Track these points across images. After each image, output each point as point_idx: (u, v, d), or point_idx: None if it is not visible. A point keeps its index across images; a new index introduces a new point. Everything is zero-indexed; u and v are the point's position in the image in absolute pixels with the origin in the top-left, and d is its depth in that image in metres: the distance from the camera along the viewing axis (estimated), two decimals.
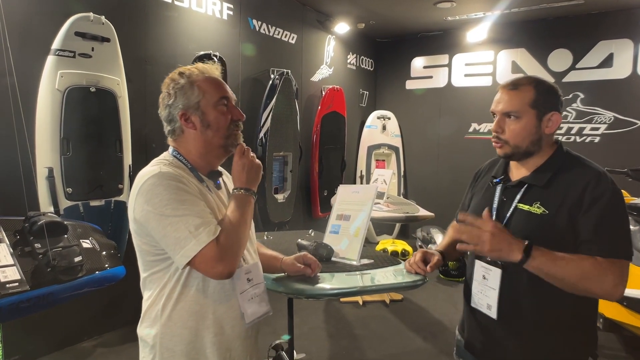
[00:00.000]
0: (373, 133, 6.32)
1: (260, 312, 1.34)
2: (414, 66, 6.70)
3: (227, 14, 4.25)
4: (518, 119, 1.35)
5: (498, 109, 1.38)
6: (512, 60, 5.93)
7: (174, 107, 1.27)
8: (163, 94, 1.30)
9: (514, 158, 1.41)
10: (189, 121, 1.27)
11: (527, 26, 5.78)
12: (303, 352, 3.21)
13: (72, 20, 2.92)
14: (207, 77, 1.29)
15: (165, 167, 1.22)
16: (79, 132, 3.01)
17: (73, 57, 2.95)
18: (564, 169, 1.35)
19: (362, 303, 4.21)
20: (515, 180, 1.41)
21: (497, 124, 1.38)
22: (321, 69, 5.66)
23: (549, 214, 1.29)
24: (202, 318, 1.23)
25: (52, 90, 2.88)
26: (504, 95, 1.37)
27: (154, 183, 1.17)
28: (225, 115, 1.29)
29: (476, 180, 1.63)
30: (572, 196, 1.28)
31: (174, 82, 1.28)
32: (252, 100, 4.57)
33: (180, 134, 1.30)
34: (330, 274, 1.69)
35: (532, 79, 1.38)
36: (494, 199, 1.44)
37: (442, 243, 1.72)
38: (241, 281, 1.29)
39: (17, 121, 2.46)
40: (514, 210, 1.37)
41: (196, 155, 1.30)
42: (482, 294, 1.40)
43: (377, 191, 3.85)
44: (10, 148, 2.57)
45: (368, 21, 5.81)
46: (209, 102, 1.27)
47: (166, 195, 1.15)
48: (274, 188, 4.78)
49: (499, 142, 1.39)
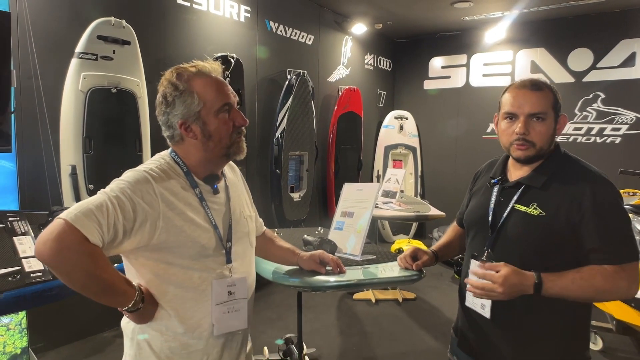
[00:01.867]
0: (390, 133, 6.34)
1: (234, 326, 1.29)
2: (432, 66, 6.69)
3: (245, 16, 4.36)
4: (544, 120, 1.33)
5: (524, 111, 1.33)
6: (531, 60, 5.86)
7: (173, 115, 1.21)
8: (160, 98, 1.23)
9: (533, 160, 1.38)
10: (189, 130, 1.22)
11: (547, 25, 5.71)
12: (314, 347, 3.28)
13: (95, 25, 3.05)
14: (207, 81, 1.22)
15: (154, 171, 1.18)
16: (100, 132, 3.14)
17: (95, 60, 3.08)
18: (561, 171, 1.35)
19: (374, 301, 4.25)
20: (512, 181, 1.42)
21: (524, 126, 1.33)
22: (338, 69, 5.71)
23: (546, 215, 1.29)
24: (179, 319, 1.20)
25: (76, 92, 3.02)
26: (530, 96, 1.34)
27: (126, 176, 1.16)
28: (227, 123, 1.23)
29: (475, 181, 1.64)
30: (570, 199, 1.27)
31: (173, 87, 1.20)
32: (269, 101, 4.66)
33: (180, 141, 1.25)
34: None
35: (543, 81, 1.38)
36: (491, 199, 1.44)
37: (438, 243, 1.75)
38: (221, 293, 1.24)
39: (41, 121, 2.60)
40: (511, 210, 1.36)
41: (196, 162, 1.25)
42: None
43: (391, 190, 3.90)
44: (36, 147, 2.72)
45: (385, 22, 5.84)
46: (210, 111, 1.20)
47: (121, 185, 1.12)
48: (289, 187, 4.86)
49: (525, 144, 1.34)
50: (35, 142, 2.72)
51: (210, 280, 1.23)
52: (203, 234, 1.21)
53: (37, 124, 2.61)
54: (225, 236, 1.28)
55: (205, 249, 1.22)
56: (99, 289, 1.10)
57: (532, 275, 1.23)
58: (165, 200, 1.16)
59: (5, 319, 2.59)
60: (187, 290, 1.20)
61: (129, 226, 1.10)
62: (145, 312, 1.18)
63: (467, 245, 1.55)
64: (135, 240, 1.12)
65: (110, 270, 1.10)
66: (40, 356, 2.90)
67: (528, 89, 1.35)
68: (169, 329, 1.21)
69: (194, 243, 1.19)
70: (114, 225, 1.07)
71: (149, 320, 1.20)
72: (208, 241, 1.22)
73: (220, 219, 1.27)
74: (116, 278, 1.12)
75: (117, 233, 1.08)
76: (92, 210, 1.05)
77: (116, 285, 1.12)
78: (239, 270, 1.30)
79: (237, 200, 1.37)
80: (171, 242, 1.16)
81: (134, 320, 1.20)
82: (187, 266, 1.19)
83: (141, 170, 1.17)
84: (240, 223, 1.34)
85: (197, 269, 1.21)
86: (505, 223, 1.37)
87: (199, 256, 1.21)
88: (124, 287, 1.13)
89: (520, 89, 1.36)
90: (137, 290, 1.16)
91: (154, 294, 1.20)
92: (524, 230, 1.33)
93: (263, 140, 4.66)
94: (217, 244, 1.24)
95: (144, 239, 1.13)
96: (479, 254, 1.42)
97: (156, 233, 1.14)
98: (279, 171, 4.60)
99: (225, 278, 1.26)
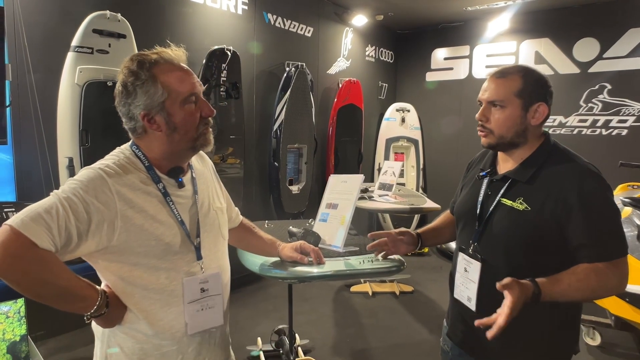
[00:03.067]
0: (392, 125, 6.31)
1: (209, 324, 1.25)
2: (434, 58, 6.63)
3: (242, 9, 4.35)
4: (503, 108, 1.33)
5: (484, 97, 1.36)
6: (535, 51, 5.78)
7: (135, 106, 1.14)
8: (120, 87, 1.16)
9: (499, 148, 1.40)
10: (152, 122, 1.15)
11: (552, 15, 5.60)
12: (308, 338, 3.31)
13: (90, 19, 3.07)
14: (171, 68, 1.15)
15: (110, 167, 1.12)
16: (97, 124, 3.17)
17: (91, 53, 3.11)
18: (549, 164, 1.32)
19: (371, 294, 4.27)
20: (500, 175, 1.40)
21: (482, 113, 1.37)
22: (338, 61, 5.69)
23: (532, 210, 1.27)
24: (148, 321, 1.17)
25: (72, 85, 3.05)
26: (491, 83, 1.36)
27: (80, 175, 1.11)
28: (193, 115, 1.17)
29: (468, 171, 1.64)
30: (557, 193, 1.25)
31: (133, 75, 1.13)
32: (267, 93, 4.67)
33: (143, 134, 1.17)
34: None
35: (521, 68, 1.35)
36: (480, 192, 1.43)
37: (426, 226, 1.75)
38: (192, 291, 1.21)
39: (36, 114, 2.65)
40: (497, 204, 1.36)
41: (159, 155, 1.19)
42: (463, 286, 1.42)
43: (387, 183, 3.90)
44: (32, 139, 2.76)
45: (386, 13, 5.79)
46: (175, 102, 1.14)
47: (73, 185, 1.07)
48: (288, 180, 4.88)
49: (483, 130, 1.38)
50: (31, 135, 2.77)
51: (180, 279, 1.19)
52: (167, 230, 1.16)
53: (32, 117, 2.65)
54: (194, 231, 1.23)
55: (170, 246, 1.16)
56: (54, 296, 1.05)
57: (530, 285, 1.17)
58: (122, 198, 1.10)
59: (5, 307, 2.65)
60: (155, 292, 1.16)
61: (83, 228, 1.04)
62: (111, 316, 1.14)
63: (457, 236, 1.55)
64: (94, 242, 1.07)
65: (65, 276, 1.05)
66: (40, 344, 2.96)
67: (494, 76, 1.36)
68: (139, 332, 1.17)
69: (158, 241, 1.14)
70: (66, 228, 1.02)
71: (117, 324, 1.17)
72: (173, 238, 1.17)
73: (187, 214, 1.22)
74: (73, 283, 1.07)
75: (71, 236, 1.03)
76: (40, 213, 1.00)
77: (74, 291, 1.07)
78: (210, 265, 1.26)
79: (206, 192, 1.33)
80: (132, 242, 1.11)
81: (100, 324, 1.17)
82: (153, 266, 1.15)
83: (96, 168, 1.11)
84: (209, 216, 1.30)
85: (164, 268, 1.16)
86: (492, 217, 1.36)
87: (164, 254, 1.16)
88: (83, 292, 1.09)
89: (489, 77, 1.38)
90: (101, 294, 1.11)
91: (120, 297, 1.15)
92: (510, 225, 1.31)
93: (261, 133, 4.68)
94: (184, 241, 1.20)
95: (102, 241, 1.08)
96: (465, 247, 1.43)
97: (115, 233, 1.09)
98: (277, 164, 4.61)
99: (196, 275, 1.21)
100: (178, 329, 1.20)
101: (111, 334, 1.19)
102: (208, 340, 1.28)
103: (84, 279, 1.12)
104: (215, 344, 1.31)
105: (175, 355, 1.21)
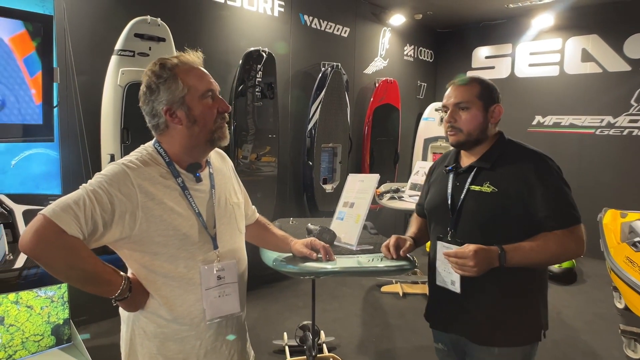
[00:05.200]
0: (430, 125, 6.22)
1: (226, 311, 1.33)
2: (475, 56, 6.48)
3: (278, 11, 4.45)
4: (468, 109, 1.53)
5: (450, 102, 1.56)
6: (582, 48, 5.52)
7: (158, 102, 1.24)
8: (143, 89, 1.27)
9: (466, 146, 1.57)
10: (174, 116, 1.25)
11: (601, 10, 5.34)
12: (334, 335, 3.35)
13: (132, 24, 3.25)
14: (190, 68, 1.26)
15: (133, 163, 1.22)
16: (137, 123, 3.30)
17: (133, 56, 3.30)
18: (507, 153, 1.53)
19: (402, 294, 4.25)
20: (465, 166, 1.59)
21: (451, 115, 1.55)
22: (375, 61, 5.68)
23: (498, 191, 1.47)
24: (168, 307, 1.25)
25: (115, 86, 3.25)
26: (454, 90, 1.56)
27: (105, 170, 1.21)
28: (211, 108, 1.27)
29: (431, 174, 1.81)
30: (518, 174, 1.46)
31: (156, 75, 1.24)
32: (302, 94, 4.75)
33: (165, 129, 1.27)
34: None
35: (476, 77, 1.58)
36: (448, 185, 1.59)
37: (411, 230, 1.84)
38: (209, 278, 1.29)
39: (80, 114, 2.84)
40: (467, 191, 1.53)
41: (180, 150, 1.28)
42: (445, 271, 1.53)
43: (418, 183, 3.86)
44: (76, 137, 2.97)
45: (425, 12, 5.72)
46: (194, 96, 1.24)
47: (99, 178, 1.18)
48: (322, 178, 4.93)
49: (453, 130, 1.55)
50: (75, 133, 2.97)
51: (197, 268, 1.27)
52: (184, 222, 1.24)
53: (75, 117, 2.85)
54: (211, 222, 1.31)
55: (187, 236, 1.24)
56: (81, 279, 1.17)
57: (496, 248, 1.39)
58: (143, 190, 1.19)
59: (50, 292, 2.88)
60: (174, 279, 1.25)
61: (107, 218, 1.14)
62: (134, 300, 1.24)
63: (431, 231, 1.68)
64: (117, 231, 1.17)
65: (91, 261, 1.15)
66: (81, 329, 3.17)
67: (455, 84, 1.57)
68: (160, 317, 1.26)
69: (176, 231, 1.22)
70: (92, 217, 1.12)
71: (139, 308, 1.26)
72: (190, 229, 1.25)
73: (204, 206, 1.30)
74: (99, 268, 1.17)
75: (97, 225, 1.13)
76: (69, 204, 1.10)
77: (99, 275, 1.17)
78: (226, 255, 1.34)
79: (223, 187, 1.41)
80: (152, 232, 1.20)
81: (124, 308, 1.27)
82: (172, 255, 1.23)
83: (120, 163, 1.22)
84: (225, 209, 1.38)
85: (182, 257, 1.24)
86: (464, 204, 1.53)
87: (182, 244, 1.24)
88: (108, 276, 1.19)
89: (450, 86, 1.59)
90: (125, 279, 1.21)
91: (143, 284, 1.25)
92: (481, 207, 1.49)
93: (296, 132, 4.76)
94: (201, 231, 1.27)
95: (125, 230, 1.18)
96: (443, 235, 1.55)
97: (137, 223, 1.18)
98: (311, 163, 4.68)
99: (212, 263, 1.29)
100: (196, 315, 1.28)
101: (135, 318, 1.29)
102: (224, 327, 1.35)
103: (109, 265, 1.22)
104: (232, 332, 1.38)
105: (194, 341, 1.29)
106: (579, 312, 3.98)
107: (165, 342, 1.28)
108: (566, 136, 5.66)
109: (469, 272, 1.38)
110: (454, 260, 1.40)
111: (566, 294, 4.40)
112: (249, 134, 4.08)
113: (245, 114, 4.04)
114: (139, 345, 1.30)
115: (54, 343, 2.91)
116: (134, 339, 1.30)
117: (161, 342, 1.28)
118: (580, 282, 4.76)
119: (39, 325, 2.84)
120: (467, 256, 1.36)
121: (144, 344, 1.29)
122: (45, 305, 2.86)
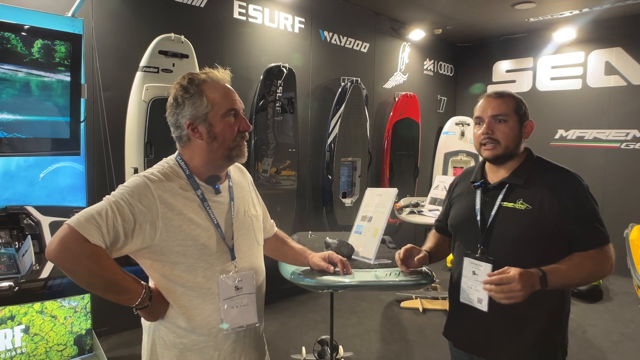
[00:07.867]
0: (450, 139, 6.18)
1: (243, 322, 1.34)
2: (496, 70, 6.44)
3: (299, 27, 4.53)
4: (506, 122, 1.49)
5: (487, 114, 1.52)
6: (605, 61, 5.44)
7: (182, 116, 1.29)
8: (171, 100, 1.32)
9: (500, 160, 1.52)
10: (195, 131, 1.29)
11: (624, 23, 5.27)
12: (352, 350, 3.32)
13: (157, 41, 3.35)
14: (216, 86, 1.30)
15: (155, 175, 1.27)
16: (160, 138, 3.43)
17: (157, 73, 3.39)
18: (538, 170, 1.50)
19: (422, 310, 4.19)
20: (495, 182, 1.54)
21: (488, 127, 1.51)
22: (395, 75, 5.71)
23: (533, 209, 1.43)
24: (187, 317, 1.28)
25: (139, 101, 3.34)
26: (491, 102, 1.52)
27: (128, 182, 1.26)
28: (232, 127, 1.30)
29: (452, 190, 1.75)
30: (551, 193, 1.43)
31: (184, 89, 1.29)
32: (322, 108, 4.79)
33: (187, 142, 1.32)
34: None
35: (509, 92, 1.55)
36: (476, 200, 1.55)
37: (427, 245, 1.81)
38: (227, 288, 1.31)
39: (105, 129, 2.93)
40: (499, 208, 1.49)
41: (200, 163, 1.32)
42: (472, 289, 1.49)
43: (438, 198, 3.84)
44: (101, 151, 3.06)
45: (445, 27, 5.74)
46: (216, 114, 1.28)
47: (121, 190, 1.22)
48: (341, 192, 4.94)
49: (491, 142, 1.50)
50: (100, 147, 3.06)
51: (215, 278, 1.29)
52: (203, 232, 1.28)
53: (101, 131, 2.94)
54: (230, 234, 1.34)
55: (206, 247, 1.28)
56: (103, 286, 1.20)
57: (536, 270, 1.33)
58: (163, 202, 1.24)
59: (74, 302, 2.94)
60: (193, 289, 1.27)
61: (129, 228, 1.19)
62: (153, 310, 1.27)
63: (456, 248, 1.63)
64: (138, 240, 1.21)
65: (113, 270, 1.19)
66: (103, 339, 3.23)
67: (491, 97, 1.54)
68: (178, 327, 1.29)
69: (194, 242, 1.26)
70: (114, 227, 1.16)
71: (159, 317, 1.29)
72: (208, 239, 1.28)
73: (222, 218, 1.34)
74: (120, 277, 1.21)
75: (118, 235, 1.18)
76: (92, 215, 1.15)
77: (120, 283, 1.21)
78: (244, 266, 1.36)
79: (242, 199, 1.44)
80: (171, 242, 1.24)
81: (145, 317, 1.30)
82: (191, 264, 1.26)
83: (141, 176, 1.27)
84: (244, 221, 1.41)
85: (201, 267, 1.27)
86: (495, 220, 1.48)
87: (201, 254, 1.27)
88: (128, 285, 1.22)
89: (485, 98, 1.55)
90: (145, 288, 1.24)
91: (163, 293, 1.28)
92: (515, 225, 1.45)
93: (315, 146, 4.79)
94: (219, 242, 1.31)
95: (146, 240, 1.22)
96: (471, 251, 1.50)
97: (157, 233, 1.22)
98: (330, 177, 4.70)
99: (230, 273, 1.32)
100: (214, 325, 1.30)
101: (155, 327, 1.32)
102: (243, 338, 1.37)
103: (130, 274, 1.25)
104: (250, 343, 1.39)
105: (212, 352, 1.32)
106: (605, 332, 3.85)
107: (184, 352, 1.30)
108: (590, 150, 5.55)
109: (515, 298, 1.29)
110: (495, 289, 1.30)
111: (592, 313, 4.27)
112: (269, 148, 4.13)
113: (265, 128, 4.09)
114: (159, 355, 1.32)
115: (76, 353, 2.96)
116: (155, 349, 1.33)
117: (180, 352, 1.30)
118: (606, 300, 4.62)
119: (62, 335, 2.90)
120: (513, 280, 1.28)
121: (164, 354, 1.31)
122: (69, 315, 2.92)
